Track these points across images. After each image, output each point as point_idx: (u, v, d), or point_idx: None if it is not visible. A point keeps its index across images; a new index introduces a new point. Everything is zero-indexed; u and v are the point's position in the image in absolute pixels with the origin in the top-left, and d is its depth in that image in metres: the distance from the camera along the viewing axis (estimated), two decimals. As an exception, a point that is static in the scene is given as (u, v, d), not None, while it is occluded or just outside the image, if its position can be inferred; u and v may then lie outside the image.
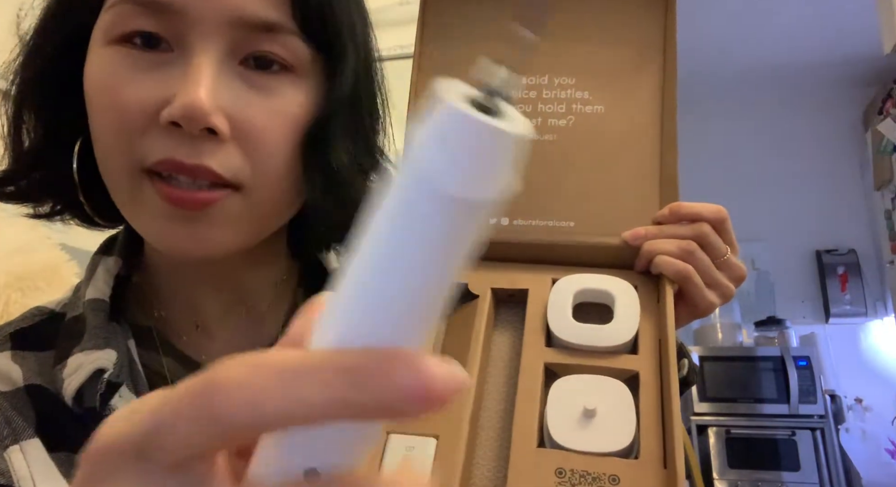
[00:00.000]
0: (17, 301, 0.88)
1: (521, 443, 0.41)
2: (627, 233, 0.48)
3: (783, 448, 2.44)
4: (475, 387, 0.44)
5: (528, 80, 0.52)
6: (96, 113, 0.41)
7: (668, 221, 0.48)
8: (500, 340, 0.48)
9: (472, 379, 0.44)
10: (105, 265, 0.49)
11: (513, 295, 0.49)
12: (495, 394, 0.46)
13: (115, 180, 0.42)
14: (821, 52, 2.87)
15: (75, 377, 0.43)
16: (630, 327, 0.45)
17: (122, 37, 0.40)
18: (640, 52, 0.52)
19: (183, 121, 0.38)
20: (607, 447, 0.40)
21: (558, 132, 0.51)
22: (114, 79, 0.40)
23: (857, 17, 2.52)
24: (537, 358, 0.45)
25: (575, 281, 0.47)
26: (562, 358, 0.44)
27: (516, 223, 0.51)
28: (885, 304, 2.91)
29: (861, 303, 2.93)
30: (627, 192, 0.50)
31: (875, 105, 2.97)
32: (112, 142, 0.41)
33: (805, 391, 2.48)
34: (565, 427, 0.41)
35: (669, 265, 0.46)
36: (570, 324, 0.45)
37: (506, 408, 0.45)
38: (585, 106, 0.51)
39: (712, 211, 0.48)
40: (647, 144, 0.50)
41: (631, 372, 0.43)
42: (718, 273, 0.48)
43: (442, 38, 0.54)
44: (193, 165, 0.39)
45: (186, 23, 0.39)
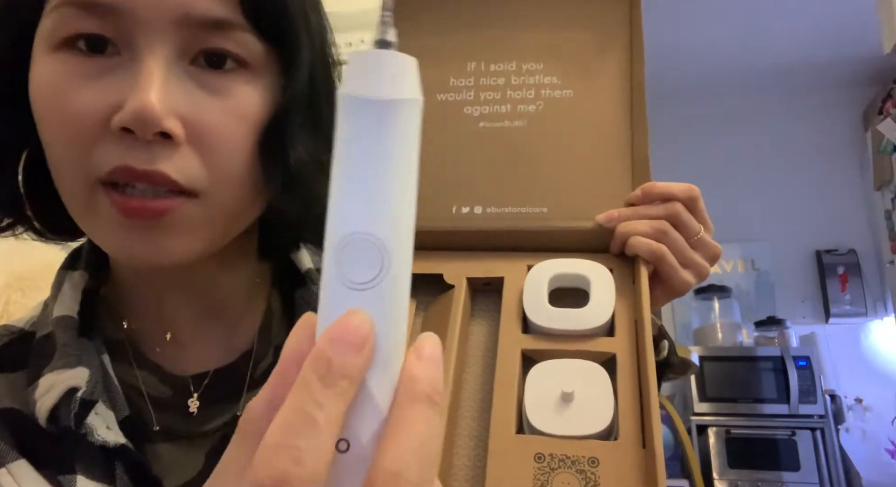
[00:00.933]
0: (17, 301, 0.88)
1: (499, 430, 0.40)
2: (601, 216, 0.48)
3: (783, 448, 2.43)
4: (453, 377, 0.43)
5: (496, 66, 0.52)
6: (45, 124, 0.40)
7: (641, 202, 0.48)
8: (477, 329, 0.48)
9: (450, 369, 0.44)
10: (71, 280, 0.48)
11: (489, 284, 0.49)
12: (473, 383, 0.45)
13: (69, 192, 0.41)
14: (821, 52, 2.86)
15: (47, 397, 0.41)
16: (606, 309, 0.44)
17: (65, 41, 0.39)
18: (605, 33, 0.51)
19: (134, 126, 0.37)
20: (586, 430, 0.39)
21: (528, 118, 0.51)
22: (61, 87, 0.38)
23: (857, 17, 2.51)
24: (514, 345, 0.44)
25: (549, 267, 0.47)
26: (538, 343, 0.44)
27: (489, 211, 0.50)
28: (885, 304, 2.90)
29: (861, 303, 2.91)
30: (599, 175, 0.50)
31: (875, 105, 2.96)
32: (64, 153, 0.40)
33: (805, 391, 2.47)
34: (543, 412, 0.40)
35: (643, 245, 0.46)
36: (546, 310, 0.45)
37: (484, 397, 0.44)
38: (554, 91, 0.51)
39: (684, 189, 0.47)
40: (617, 126, 0.50)
41: (608, 354, 0.43)
42: (692, 252, 0.48)
43: (414, 31, 0.54)
44: (148, 171, 0.38)
45: (132, 24, 0.38)
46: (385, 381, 0.24)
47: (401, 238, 0.24)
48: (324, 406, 0.22)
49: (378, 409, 0.23)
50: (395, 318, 0.24)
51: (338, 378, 0.22)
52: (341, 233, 0.24)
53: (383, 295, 0.24)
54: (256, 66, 0.42)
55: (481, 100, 0.52)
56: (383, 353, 0.23)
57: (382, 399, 0.24)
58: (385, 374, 0.24)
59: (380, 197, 0.24)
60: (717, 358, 2.58)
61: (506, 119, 0.51)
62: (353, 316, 0.23)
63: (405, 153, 0.24)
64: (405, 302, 0.24)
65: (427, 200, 0.50)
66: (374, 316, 0.23)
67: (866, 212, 3.04)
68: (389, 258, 0.23)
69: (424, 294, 0.50)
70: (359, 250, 0.23)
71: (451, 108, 0.52)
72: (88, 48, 0.39)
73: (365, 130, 0.24)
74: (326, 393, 0.22)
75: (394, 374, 0.24)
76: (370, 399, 0.23)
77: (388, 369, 0.24)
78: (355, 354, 0.22)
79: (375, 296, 0.23)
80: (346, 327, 0.23)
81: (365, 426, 0.23)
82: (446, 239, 0.50)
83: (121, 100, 0.37)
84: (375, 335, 0.23)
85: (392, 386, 0.24)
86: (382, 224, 0.24)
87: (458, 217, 0.50)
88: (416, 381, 0.23)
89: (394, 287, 0.24)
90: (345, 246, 0.24)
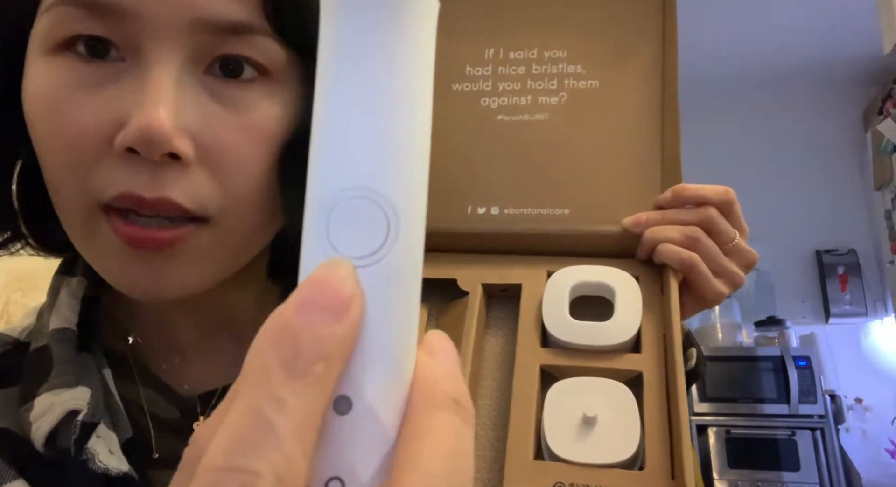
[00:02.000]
0: (17, 301, 0.87)
1: (516, 454, 0.37)
2: (627, 220, 0.44)
3: (783, 448, 2.40)
4: None
5: (516, 54, 0.47)
6: (40, 140, 0.35)
7: (671, 205, 0.44)
8: (492, 340, 0.44)
9: (464, 383, 0.40)
10: (68, 287, 0.43)
11: (505, 290, 0.45)
12: (488, 398, 0.42)
13: (67, 215, 0.36)
14: (821, 52, 2.84)
15: (45, 420, 0.37)
16: (632, 324, 0.41)
17: (62, 43, 0.34)
18: (635, 19, 0.47)
19: (140, 146, 0.32)
20: (609, 457, 0.36)
21: (550, 110, 0.47)
22: (57, 98, 0.34)
23: (857, 17, 2.50)
24: (532, 360, 0.41)
25: (571, 274, 0.43)
26: (558, 359, 0.41)
27: (507, 212, 0.46)
28: (885, 304, 2.88)
29: (861, 303, 2.89)
30: (626, 175, 0.46)
31: (875, 105, 2.94)
32: (61, 174, 0.35)
33: (805, 391, 2.44)
34: (564, 436, 0.37)
35: (673, 253, 0.42)
36: (567, 322, 0.41)
37: (499, 414, 0.41)
38: (579, 81, 0.47)
39: (718, 193, 0.44)
40: (646, 122, 0.46)
41: (633, 372, 0.40)
42: (726, 260, 0.44)
43: None
44: (155, 199, 0.33)
45: (139, 27, 0.33)
46: (391, 389, 0.17)
47: (413, 195, 0.18)
48: (288, 407, 0.15)
49: (382, 429, 0.16)
50: (406, 304, 0.17)
51: (310, 361, 0.15)
52: (331, 189, 0.17)
53: (390, 272, 0.17)
54: (277, 76, 0.36)
55: (499, 91, 0.47)
56: (389, 351, 0.17)
57: (388, 414, 0.17)
58: (391, 380, 0.17)
59: (385, 139, 0.17)
60: (717, 358, 2.55)
61: (526, 112, 0.46)
62: (331, 270, 0.16)
63: (419, 75, 0.18)
64: (418, 282, 0.18)
65: (440, 199, 0.46)
66: (376, 302, 0.17)
67: (866, 212, 3.02)
68: (398, 222, 0.17)
69: (436, 300, 0.46)
70: (356, 213, 0.17)
71: (466, 99, 0.48)
72: (88, 52, 0.34)
73: (362, 43, 0.17)
74: (292, 385, 0.15)
75: (403, 379, 0.17)
76: (370, 415, 0.16)
77: (396, 372, 0.17)
78: (335, 323, 0.16)
79: (379, 274, 0.17)
80: (322, 285, 0.16)
81: (364, 454, 0.16)
82: (460, 241, 0.46)
83: (125, 115, 0.32)
84: (377, 325, 0.17)
85: (401, 396, 0.17)
86: (390, 176, 0.17)
87: (473, 218, 0.46)
88: (435, 382, 0.17)
89: (404, 261, 0.17)
90: (335, 207, 0.17)
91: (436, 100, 0.52)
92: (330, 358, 0.16)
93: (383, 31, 0.17)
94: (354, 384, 0.16)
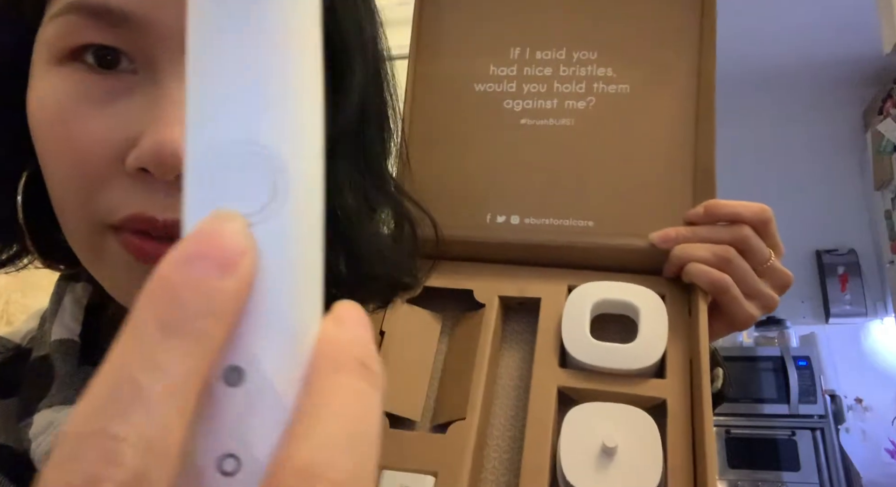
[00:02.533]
0: (17, 301, 0.85)
1: (530, 482, 0.35)
2: (656, 235, 0.41)
3: (783, 448, 2.39)
4: (480, 413, 0.38)
5: (543, 54, 0.45)
6: (46, 155, 0.33)
7: (703, 222, 0.41)
8: (508, 356, 0.42)
9: (478, 399, 0.38)
10: (72, 294, 0.41)
11: (522, 303, 0.43)
12: (502, 417, 0.40)
13: (74, 234, 0.34)
14: (821, 52, 2.83)
15: (44, 439, 0.35)
16: (656, 347, 0.38)
17: (70, 53, 0.32)
18: (670, 19, 0.44)
19: (154, 167, 0.30)
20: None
21: (577, 115, 0.44)
22: (64, 112, 0.31)
23: (857, 17, 2.48)
24: (550, 381, 0.38)
25: (593, 291, 0.41)
26: (577, 381, 0.38)
27: (528, 221, 0.43)
28: (885, 304, 2.86)
29: (861, 303, 2.87)
30: (655, 187, 0.43)
31: (875, 105, 2.93)
32: (68, 192, 0.33)
33: (805, 391, 2.43)
34: (581, 466, 0.35)
35: (703, 274, 0.39)
36: (588, 343, 0.39)
37: (514, 435, 0.39)
38: (608, 85, 0.44)
39: (754, 211, 0.41)
40: (679, 132, 0.43)
41: (657, 399, 0.37)
42: (759, 281, 0.41)
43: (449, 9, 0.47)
44: (168, 221, 0.31)
45: (153, 38, 0.30)
46: (288, 358, 0.15)
47: (302, 149, 0.16)
48: (161, 367, 0.13)
49: (279, 400, 0.15)
50: (302, 267, 0.16)
51: (189, 318, 0.14)
52: (212, 142, 0.16)
53: (282, 231, 0.15)
54: None
55: (524, 93, 0.45)
56: (285, 317, 0.15)
57: (286, 384, 0.15)
58: (288, 347, 0.15)
59: (270, 91, 0.16)
60: (717, 358, 2.55)
61: (551, 116, 0.44)
62: (219, 222, 0.15)
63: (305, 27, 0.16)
64: (315, 247, 0.16)
65: (458, 206, 0.44)
66: (268, 263, 0.15)
67: (866, 212, 3.00)
68: (286, 178, 0.15)
69: (451, 310, 0.44)
70: (239, 168, 0.15)
71: (489, 101, 0.45)
72: (97, 62, 0.31)
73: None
74: (167, 344, 0.13)
75: (303, 347, 0.15)
76: (265, 386, 0.15)
77: (294, 340, 0.15)
78: (221, 277, 0.14)
79: (270, 234, 0.15)
80: (207, 237, 0.14)
81: (260, 428, 0.15)
82: (477, 250, 0.44)
83: (137, 132, 0.30)
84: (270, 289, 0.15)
85: (301, 364, 0.15)
86: (275, 129, 0.16)
87: (493, 226, 0.43)
88: (339, 345, 0.15)
89: (297, 220, 0.16)
90: (216, 161, 0.15)
91: (457, 101, 0.49)
92: (214, 315, 0.14)
93: None
94: (246, 353, 0.15)
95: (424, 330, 0.43)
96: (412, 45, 0.46)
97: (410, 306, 0.43)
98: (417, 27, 0.47)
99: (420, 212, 0.42)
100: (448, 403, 0.39)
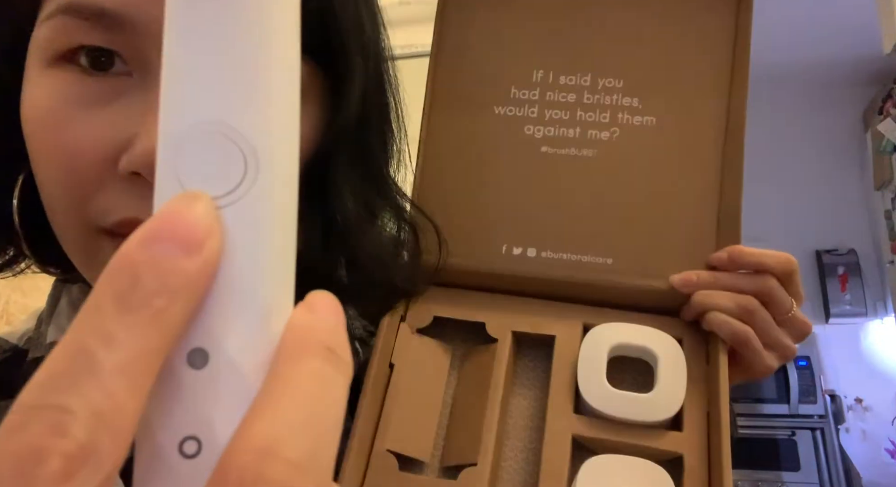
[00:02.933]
0: (17, 301, 0.86)
1: None
2: (676, 278, 0.40)
3: (783, 448, 2.39)
4: (492, 459, 0.36)
5: (567, 79, 0.43)
6: (39, 157, 0.32)
7: (726, 268, 0.40)
8: (519, 394, 0.41)
9: (491, 438, 0.37)
10: (68, 295, 0.41)
11: (536, 339, 0.42)
12: (512, 460, 0.38)
13: (67, 238, 0.34)
14: (820, 51, 2.82)
15: None
16: (675, 400, 0.37)
17: (63, 55, 0.31)
18: (705, 55, 0.42)
19: (147, 171, 0.29)
20: None
21: (600, 146, 0.42)
22: (57, 115, 0.31)
23: (857, 16, 2.47)
24: (564, 428, 0.37)
25: (610, 334, 0.39)
26: (593, 430, 0.37)
27: (544, 255, 0.42)
28: (885, 304, 2.85)
29: (861, 303, 2.86)
30: (678, 227, 0.41)
31: (875, 105, 2.92)
32: (60, 196, 0.32)
33: (805, 391, 2.43)
34: None
35: (725, 326, 0.38)
36: (605, 390, 0.37)
37: (525, 480, 0.38)
38: (634, 116, 0.42)
39: (781, 262, 0.39)
40: (705, 171, 0.41)
41: (673, 454, 0.36)
42: (780, 332, 0.40)
43: (469, 25, 0.45)
44: None
45: (148, 41, 0.30)
46: (254, 341, 0.15)
47: (274, 132, 0.16)
48: (116, 341, 0.13)
49: (243, 383, 0.15)
50: (272, 251, 0.16)
51: (148, 294, 0.14)
52: (181, 123, 0.16)
53: (252, 213, 0.15)
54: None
55: (546, 119, 0.43)
56: (252, 300, 0.15)
57: (250, 368, 0.15)
58: (254, 331, 0.15)
59: (242, 73, 0.16)
60: (717, 358, 2.55)
61: (573, 145, 0.42)
62: (185, 202, 0.15)
63: (279, 9, 0.16)
64: (286, 230, 0.16)
65: (472, 234, 0.42)
66: (235, 245, 0.15)
67: (866, 212, 3.00)
68: (256, 159, 0.15)
69: (460, 342, 0.42)
70: (209, 149, 0.15)
71: (509, 125, 0.43)
72: (91, 64, 0.31)
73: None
74: (124, 319, 0.13)
75: (270, 331, 0.15)
76: (229, 369, 0.15)
77: (260, 323, 0.15)
78: (184, 257, 0.14)
79: (239, 216, 0.15)
80: (172, 217, 0.14)
81: (223, 411, 0.15)
82: (490, 281, 0.42)
83: (129, 135, 0.29)
84: (237, 271, 0.15)
85: (267, 348, 0.15)
86: (245, 110, 0.16)
87: (508, 258, 0.42)
88: (308, 331, 0.15)
89: (267, 202, 0.16)
90: (186, 142, 0.16)
91: (475, 123, 0.47)
92: (174, 293, 0.14)
93: None
94: (211, 335, 0.15)
95: (434, 362, 0.41)
96: (431, 58, 0.44)
97: (420, 336, 0.41)
98: (437, 40, 0.45)
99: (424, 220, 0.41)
100: (458, 443, 0.38)
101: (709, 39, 0.42)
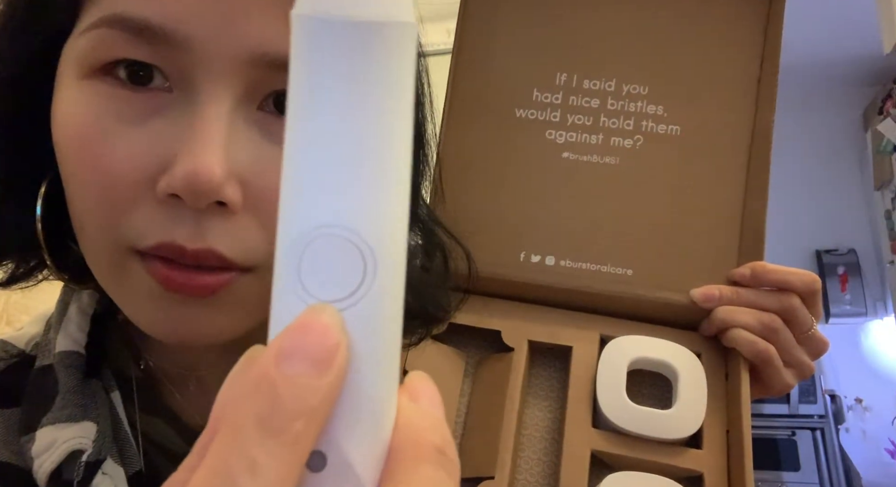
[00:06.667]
0: (18, 301, 0.84)
1: None
2: (698, 293, 0.39)
3: (783, 448, 2.37)
4: (509, 473, 0.35)
5: (591, 83, 0.41)
6: (71, 173, 0.31)
7: (749, 284, 0.39)
8: (534, 405, 0.39)
9: (507, 459, 0.35)
10: (78, 302, 0.39)
11: (551, 348, 0.40)
12: (527, 473, 0.37)
13: (96, 257, 0.32)
14: (821, 51, 2.81)
15: (47, 458, 0.34)
16: (696, 416, 0.36)
17: (101, 67, 0.30)
18: (732, 66, 0.40)
19: (187, 195, 0.28)
20: None
21: (622, 154, 0.40)
22: (93, 130, 0.29)
23: (857, 16, 2.46)
24: (583, 443, 0.36)
25: (629, 347, 0.38)
26: (612, 445, 0.36)
27: (563, 264, 0.40)
28: (885, 304, 2.85)
29: (861, 303, 2.85)
30: (700, 240, 0.40)
31: (875, 105, 2.91)
32: (93, 214, 0.31)
33: (805, 391, 2.41)
34: None
35: (747, 344, 0.37)
36: (624, 405, 0.36)
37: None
38: (658, 124, 0.40)
39: (805, 281, 0.39)
40: (729, 184, 0.39)
41: (693, 472, 0.35)
42: (800, 350, 0.39)
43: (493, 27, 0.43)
44: (198, 250, 0.29)
45: (194, 59, 0.28)
46: (370, 442, 0.15)
47: (392, 234, 0.16)
48: (260, 468, 0.13)
49: (359, 485, 0.15)
50: (387, 350, 0.16)
51: (289, 418, 0.14)
52: (302, 227, 0.16)
53: (368, 315, 0.15)
54: None
55: (568, 124, 0.41)
56: (369, 402, 0.15)
57: (366, 469, 0.15)
58: (370, 432, 0.15)
59: (362, 175, 0.16)
60: (718, 358, 2.55)
61: (595, 152, 0.40)
62: (315, 315, 0.15)
63: (399, 108, 0.16)
64: (398, 326, 0.16)
65: (491, 240, 0.40)
66: (355, 348, 0.15)
67: (866, 212, 2.99)
68: (374, 260, 0.16)
69: (475, 350, 0.41)
70: (330, 253, 0.16)
71: (530, 129, 0.41)
72: (129, 78, 0.29)
73: (337, 72, 0.16)
74: (267, 444, 0.14)
75: (384, 430, 0.15)
76: (347, 471, 0.15)
77: (376, 424, 0.15)
78: (318, 375, 0.14)
79: (356, 319, 0.15)
80: (305, 332, 0.14)
81: None
82: (508, 288, 0.40)
83: (169, 155, 0.28)
84: (357, 373, 0.15)
85: (381, 448, 0.15)
86: (366, 214, 0.16)
87: (526, 266, 0.40)
88: (417, 431, 0.16)
89: (382, 304, 0.16)
90: (307, 247, 0.16)
91: (496, 126, 0.44)
92: (311, 414, 0.14)
93: (359, 61, 0.16)
94: (330, 438, 0.15)
95: (449, 369, 0.40)
96: (453, 58, 0.43)
97: (435, 343, 0.40)
98: (459, 40, 0.43)
99: (452, 241, 0.40)
100: (475, 455, 0.37)
101: (737, 49, 0.40)
